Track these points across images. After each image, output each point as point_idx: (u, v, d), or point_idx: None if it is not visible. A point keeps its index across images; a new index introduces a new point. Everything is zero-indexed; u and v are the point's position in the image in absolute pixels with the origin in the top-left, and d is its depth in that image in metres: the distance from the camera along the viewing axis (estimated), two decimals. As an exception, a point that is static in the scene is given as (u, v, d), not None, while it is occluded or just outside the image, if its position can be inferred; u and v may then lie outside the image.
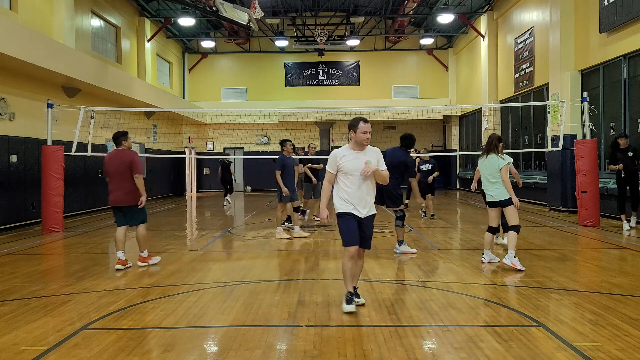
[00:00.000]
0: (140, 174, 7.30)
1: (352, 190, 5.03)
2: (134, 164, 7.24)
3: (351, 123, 5.15)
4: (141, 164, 7.41)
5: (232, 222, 13.05)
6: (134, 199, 7.25)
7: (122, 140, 7.43)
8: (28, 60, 11.23)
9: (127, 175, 7.20)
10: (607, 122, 12.95)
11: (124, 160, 7.22)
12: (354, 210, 5.01)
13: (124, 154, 7.32)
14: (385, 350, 4.00)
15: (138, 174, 7.25)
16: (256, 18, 15.19)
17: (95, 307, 5.32)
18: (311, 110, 23.44)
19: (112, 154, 7.44)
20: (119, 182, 7.25)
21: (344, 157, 5.07)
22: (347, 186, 5.05)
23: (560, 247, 8.65)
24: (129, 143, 7.51)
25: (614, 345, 4.04)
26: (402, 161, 8.02)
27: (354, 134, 5.11)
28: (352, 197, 5.02)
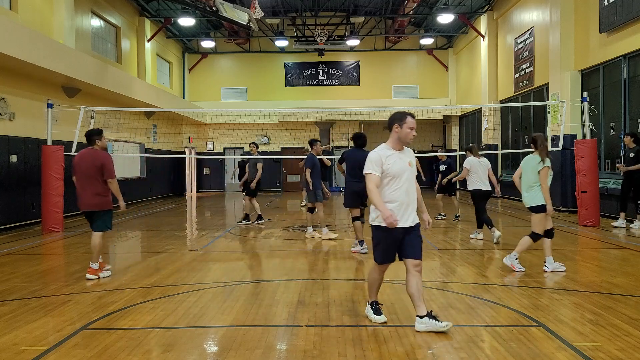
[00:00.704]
0: (114, 178, 6.77)
1: (398, 195, 4.42)
2: (105, 167, 6.66)
3: (396, 116, 4.50)
4: (113, 167, 6.79)
5: (232, 222, 13.04)
6: (100, 204, 6.74)
7: (96, 140, 6.86)
8: (28, 60, 11.23)
9: (96, 178, 6.64)
10: (607, 122, 12.95)
11: (95, 162, 6.64)
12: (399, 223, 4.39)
13: (96, 155, 6.73)
14: (385, 350, 4.00)
15: (111, 177, 6.72)
16: (256, 18, 15.19)
17: (95, 307, 5.32)
18: (311, 110, 23.44)
19: (83, 154, 6.80)
20: (86, 184, 6.69)
21: (389, 158, 4.44)
22: (392, 191, 4.43)
23: (560, 247, 8.64)
24: (103, 143, 6.96)
25: (614, 345, 4.04)
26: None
27: (398, 128, 4.46)
28: (398, 205, 4.40)
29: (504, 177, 19.91)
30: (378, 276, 4.74)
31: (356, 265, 7.46)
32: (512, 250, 7.03)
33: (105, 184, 6.73)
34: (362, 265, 7.37)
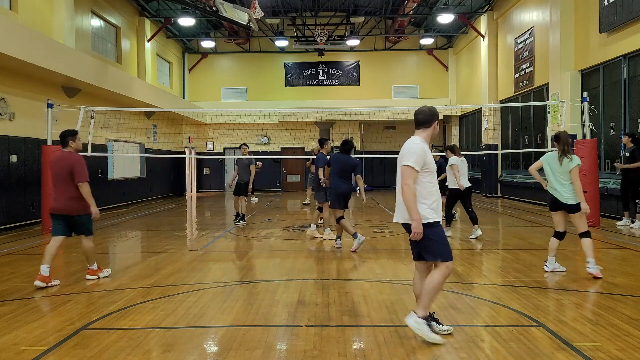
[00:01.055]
0: (86, 182, 6.34)
1: (436, 190, 4.29)
2: (75, 170, 6.26)
3: (435, 113, 4.42)
4: (85, 169, 6.38)
5: (232, 222, 13.04)
6: (76, 208, 6.33)
7: (70, 141, 6.47)
8: (28, 60, 11.23)
9: (68, 182, 6.28)
10: (607, 122, 12.95)
11: (67, 165, 6.28)
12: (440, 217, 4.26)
13: (68, 157, 6.36)
14: (385, 350, 4.00)
15: (82, 181, 6.29)
16: (256, 18, 15.19)
17: (95, 307, 5.32)
18: (311, 110, 23.44)
19: (57, 156, 6.50)
20: (59, 187, 6.35)
21: (428, 152, 4.28)
22: (432, 186, 4.24)
23: (560, 247, 8.61)
24: (77, 144, 6.56)
25: (614, 345, 4.04)
26: (353, 164, 8.66)
27: (436, 125, 4.43)
28: (437, 199, 4.26)
29: (504, 177, 19.92)
30: (445, 279, 4.34)
31: (356, 265, 7.46)
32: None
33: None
34: (362, 265, 7.37)
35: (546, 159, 6.58)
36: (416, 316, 4.18)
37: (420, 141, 4.30)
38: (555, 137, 6.52)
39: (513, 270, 6.87)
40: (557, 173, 6.42)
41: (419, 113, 4.39)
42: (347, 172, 8.66)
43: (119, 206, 17.74)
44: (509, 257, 7.84)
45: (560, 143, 6.40)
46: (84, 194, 6.32)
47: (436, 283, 4.22)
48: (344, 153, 8.81)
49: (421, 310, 4.20)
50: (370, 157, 26.85)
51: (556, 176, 6.43)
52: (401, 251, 8.58)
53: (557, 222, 6.66)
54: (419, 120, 4.39)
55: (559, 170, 6.39)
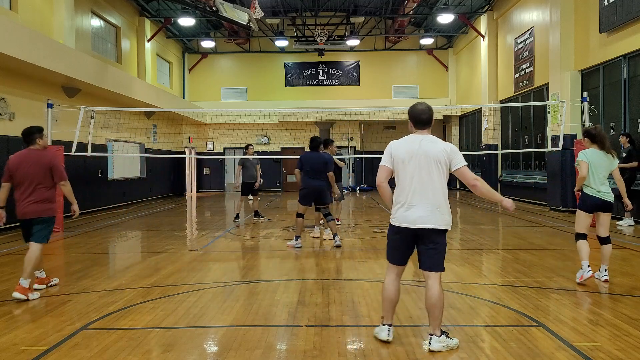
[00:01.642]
0: (67, 180, 5.98)
1: None
2: (55, 169, 5.82)
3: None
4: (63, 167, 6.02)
5: (232, 222, 13.04)
6: (45, 210, 5.85)
7: (37, 138, 5.93)
8: (28, 60, 11.23)
9: (41, 182, 5.79)
10: (607, 122, 12.95)
11: (43, 163, 5.78)
12: None
13: (41, 155, 5.86)
14: (385, 350, 4.00)
15: (64, 180, 5.91)
16: (256, 18, 15.19)
17: (95, 307, 5.32)
18: (311, 110, 23.44)
19: (24, 155, 5.87)
20: (30, 189, 5.77)
21: None
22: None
23: (560, 247, 8.65)
24: (44, 141, 6.04)
25: (614, 345, 4.04)
26: (323, 160, 8.75)
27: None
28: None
29: (504, 177, 19.92)
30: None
31: (356, 265, 7.46)
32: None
33: (54, 189, 5.92)
34: (362, 266, 7.37)
35: (588, 158, 6.03)
36: (437, 337, 3.98)
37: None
38: (589, 134, 6.14)
39: (513, 270, 6.87)
40: (601, 171, 6.01)
41: (424, 112, 4.17)
42: (318, 170, 8.70)
43: (119, 206, 17.74)
44: (509, 257, 7.84)
45: (603, 139, 6.03)
46: (66, 192, 5.98)
47: (443, 296, 4.09)
48: (313, 150, 8.91)
49: (439, 329, 4.01)
50: (370, 157, 26.85)
51: (600, 175, 6.01)
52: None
53: (586, 225, 6.28)
54: (425, 120, 4.17)
55: (604, 168, 6.00)
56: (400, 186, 4.07)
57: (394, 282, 4.19)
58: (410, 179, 4.01)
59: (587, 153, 6.09)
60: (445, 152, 4.02)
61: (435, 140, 4.10)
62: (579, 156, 6.13)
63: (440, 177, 4.01)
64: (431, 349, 3.95)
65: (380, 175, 4.13)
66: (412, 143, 4.08)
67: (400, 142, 4.15)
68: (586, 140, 6.25)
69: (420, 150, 4.02)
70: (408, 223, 4.02)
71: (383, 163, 4.13)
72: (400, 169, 4.06)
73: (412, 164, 4.01)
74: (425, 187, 3.99)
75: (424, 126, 4.14)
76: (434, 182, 3.99)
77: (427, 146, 4.03)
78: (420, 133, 4.16)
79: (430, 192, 3.99)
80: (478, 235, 10.27)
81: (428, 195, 3.98)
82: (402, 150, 4.07)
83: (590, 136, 6.16)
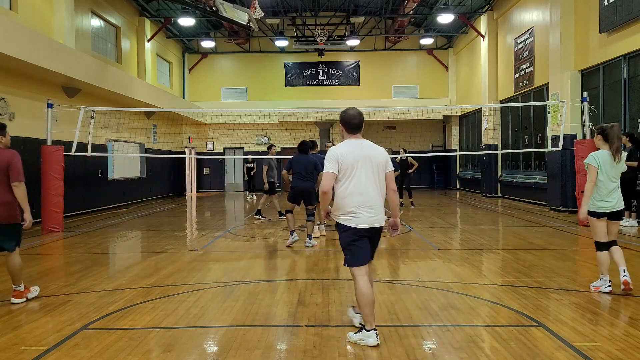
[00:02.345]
0: (22, 181, 5.34)
1: None
2: (12, 168, 5.27)
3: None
4: (22, 167, 5.39)
5: (232, 222, 13.04)
6: (10, 214, 5.33)
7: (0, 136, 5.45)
8: (28, 60, 11.23)
9: (2, 183, 5.30)
10: (607, 122, 12.92)
11: (2, 162, 5.28)
12: None
13: (2, 153, 5.34)
14: (385, 350, 4.00)
15: (18, 181, 5.29)
16: (256, 18, 15.19)
17: (95, 307, 5.32)
18: (311, 110, 23.43)
19: None
20: None
21: None
22: None
23: (560, 247, 8.65)
24: (7, 140, 5.49)
25: (614, 345, 4.04)
26: (313, 162, 9.02)
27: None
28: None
29: (503, 177, 19.92)
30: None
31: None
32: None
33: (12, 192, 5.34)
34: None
35: (597, 161, 5.53)
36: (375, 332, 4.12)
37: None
38: (603, 132, 5.59)
39: (513, 270, 6.87)
40: (611, 174, 5.53)
41: (355, 117, 4.37)
42: (308, 172, 9.01)
43: (119, 206, 17.74)
44: (509, 257, 7.84)
45: (616, 138, 5.51)
46: (18, 196, 5.32)
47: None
48: (302, 154, 9.20)
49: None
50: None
51: (610, 179, 5.53)
52: (401, 251, 8.58)
53: (604, 231, 5.66)
54: (356, 124, 4.36)
55: (613, 170, 5.53)
56: (354, 190, 4.16)
57: (368, 282, 4.21)
58: (365, 183, 4.18)
59: (599, 156, 5.55)
60: (383, 156, 4.32)
61: (373, 145, 4.37)
62: (588, 159, 5.62)
63: (383, 179, 4.29)
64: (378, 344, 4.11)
65: (328, 182, 4.17)
66: (355, 148, 4.25)
67: (345, 148, 4.24)
68: (598, 139, 5.65)
69: (365, 155, 4.22)
70: (371, 224, 4.20)
71: (330, 170, 4.18)
72: (349, 174, 4.17)
73: (362, 168, 4.18)
74: (376, 189, 4.23)
75: (356, 130, 4.33)
76: (380, 184, 4.26)
77: (369, 151, 4.27)
78: (355, 137, 4.35)
79: (379, 193, 4.24)
80: (478, 235, 10.28)
81: (378, 196, 4.24)
82: (350, 156, 4.19)
83: (604, 135, 5.59)
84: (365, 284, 4.16)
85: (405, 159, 16.13)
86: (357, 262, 4.21)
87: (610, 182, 5.54)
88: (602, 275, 5.62)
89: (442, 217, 13.79)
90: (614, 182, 5.56)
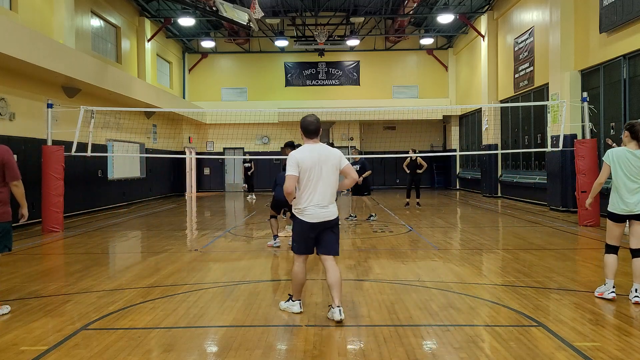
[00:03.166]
0: (20, 179, 5.20)
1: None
2: (8, 166, 5.08)
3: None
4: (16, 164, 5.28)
5: (232, 222, 13.04)
6: (2, 213, 5.15)
7: None
8: (28, 60, 11.22)
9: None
10: (607, 122, 12.95)
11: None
12: None
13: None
14: (385, 350, 4.00)
15: (17, 179, 5.14)
16: (256, 18, 15.18)
17: (95, 307, 5.32)
18: (311, 110, 23.31)
19: None
20: None
21: None
22: None
23: (560, 247, 8.65)
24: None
25: (614, 345, 4.04)
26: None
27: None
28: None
29: (504, 177, 19.92)
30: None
31: (356, 265, 7.46)
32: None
33: (6, 188, 5.17)
34: (362, 265, 7.37)
35: (614, 159, 5.32)
36: (341, 309, 4.71)
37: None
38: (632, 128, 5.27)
39: (513, 270, 6.87)
40: (631, 173, 5.24)
41: (312, 124, 4.91)
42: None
43: (119, 206, 17.74)
44: (509, 257, 7.84)
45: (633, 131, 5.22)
46: (17, 194, 5.19)
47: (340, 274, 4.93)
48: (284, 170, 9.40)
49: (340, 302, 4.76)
50: (370, 157, 26.84)
51: (630, 178, 5.24)
52: (401, 251, 8.58)
53: (617, 235, 5.44)
54: (313, 130, 4.91)
55: (633, 168, 5.23)
56: (311, 189, 4.76)
57: (304, 268, 4.93)
58: (319, 183, 4.76)
59: (615, 153, 5.33)
60: (336, 156, 4.88)
61: (328, 148, 4.95)
62: (605, 155, 5.45)
63: (336, 178, 4.89)
64: (339, 319, 4.64)
65: (291, 183, 4.72)
66: (312, 152, 4.82)
67: (303, 153, 4.82)
68: (626, 135, 5.33)
69: (321, 159, 4.79)
70: (322, 218, 4.79)
71: (291, 173, 4.73)
72: (307, 176, 4.75)
73: (318, 170, 4.76)
74: (328, 188, 4.82)
75: (314, 135, 4.90)
76: (333, 183, 4.85)
77: (324, 153, 4.83)
78: (313, 142, 4.91)
79: (331, 192, 4.84)
80: (478, 235, 10.28)
81: (329, 194, 4.83)
82: (308, 160, 4.76)
83: (632, 131, 5.26)
84: (298, 268, 4.90)
85: (415, 159, 16.17)
86: (298, 251, 4.92)
87: (631, 181, 5.23)
88: (607, 279, 5.42)
89: (442, 217, 13.79)
90: (634, 182, 5.22)
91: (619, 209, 5.32)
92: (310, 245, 4.89)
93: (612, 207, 5.39)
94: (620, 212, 5.32)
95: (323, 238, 4.85)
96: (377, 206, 17.47)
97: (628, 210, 5.27)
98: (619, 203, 5.31)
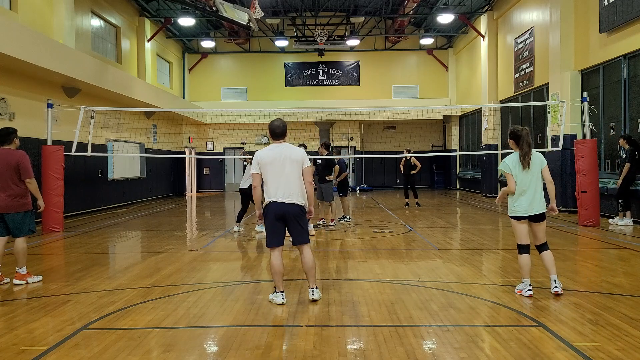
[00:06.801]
0: (33, 177, 6.47)
1: None
2: (22, 166, 6.35)
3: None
4: (30, 165, 6.50)
5: (232, 222, 13.03)
6: (18, 205, 6.37)
7: (14, 138, 6.53)
8: (28, 60, 11.23)
9: (11, 178, 6.31)
10: (607, 122, 12.95)
11: (10, 162, 6.31)
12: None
13: (11, 154, 6.39)
14: (385, 350, 4.00)
15: (30, 177, 6.41)
16: (256, 18, 15.19)
17: (95, 307, 5.32)
18: (311, 110, 23.42)
19: (1, 154, 6.41)
20: (4, 185, 6.31)
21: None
22: None
23: (560, 247, 8.64)
24: (17, 141, 6.63)
25: (614, 345, 4.04)
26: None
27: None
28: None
29: (503, 177, 19.91)
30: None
31: (356, 265, 7.46)
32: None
33: (23, 185, 6.40)
34: (362, 265, 7.38)
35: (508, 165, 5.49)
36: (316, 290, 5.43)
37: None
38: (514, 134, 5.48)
39: (513, 270, 6.87)
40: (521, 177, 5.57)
41: (278, 128, 5.49)
42: None
43: (119, 206, 17.74)
44: (509, 257, 7.84)
45: (525, 144, 5.45)
46: (32, 189, 6.45)
47: (314, 259, 5.57)
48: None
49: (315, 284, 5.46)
50: (370, 157, 26.86)
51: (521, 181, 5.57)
52: (401, 251, 8.58)
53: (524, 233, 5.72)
54: (279, 133, 5.49)
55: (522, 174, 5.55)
56: (275, 183, 5.30)
57: (280, 259, 5.38)
58: (279, 176, 5.28)
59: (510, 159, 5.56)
60: (299, 154, 5.42)
61: (292, 147, 5.53)
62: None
63: (300, 173, 5.37)
64: (315, 298, 5.36)
65: (256, 180, 5.38)
66: (274, 150, 5.39)
67: (265, 151, 5.40)
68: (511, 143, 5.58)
69: (283, 155, 5.33)
70: (282, 200, 5.27)
71: (254, 171, 5.39)
72: (269, 171, 5.31)
73: (280, 166, 5.29)
74: (292, 181, 5.31)
75: (279, 137, 5.48)
76: (296, 177, 5.34)
77: (287, 152, 5.39)
78: (278, 142, 5.48)
79: (295, 184, 5.32)
80: (478, 235, 10.28)
81: (294, 186, 5.31)
82: (267, 157, 5.34)
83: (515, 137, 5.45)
84: (275, 259, 5.34)
85: (409, 160, 16.12)
86: (270, 244, 5.37)
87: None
88: (524, 279, 5.58)
89: (442, 217, 13.78)
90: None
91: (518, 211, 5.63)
92: (280, 238, 5.37)
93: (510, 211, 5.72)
94: (518, 214, 5.65)
95: (292, 230, 5.38)
96: (377, 206, 17.47)
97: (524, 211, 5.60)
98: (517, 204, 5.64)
